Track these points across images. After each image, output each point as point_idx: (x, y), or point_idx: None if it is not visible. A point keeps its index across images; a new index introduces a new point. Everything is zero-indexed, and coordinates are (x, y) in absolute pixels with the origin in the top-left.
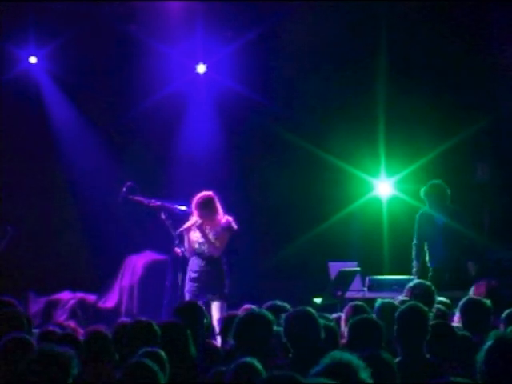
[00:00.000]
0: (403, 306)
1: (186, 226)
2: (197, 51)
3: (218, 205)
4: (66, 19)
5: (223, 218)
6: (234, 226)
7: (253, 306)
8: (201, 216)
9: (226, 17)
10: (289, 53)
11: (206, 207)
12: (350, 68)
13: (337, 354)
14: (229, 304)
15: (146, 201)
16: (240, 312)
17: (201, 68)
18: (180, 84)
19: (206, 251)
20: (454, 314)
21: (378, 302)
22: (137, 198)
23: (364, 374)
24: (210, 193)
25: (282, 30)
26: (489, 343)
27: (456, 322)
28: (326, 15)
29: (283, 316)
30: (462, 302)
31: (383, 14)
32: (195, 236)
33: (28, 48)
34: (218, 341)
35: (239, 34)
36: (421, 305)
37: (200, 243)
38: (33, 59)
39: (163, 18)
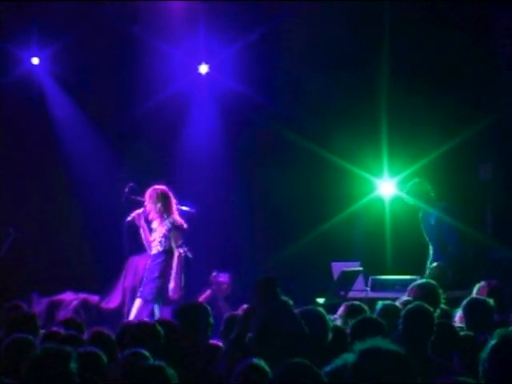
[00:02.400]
0: (409, 306)
1: (134, 214)
2: (199, 51)
3: (173, 201)
4: (68, 20)
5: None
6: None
7: None
8: (154, 207)
9: (228, 17)
10: (291, 53)
11: (163, 200)
12: (353, 68)
13: (350, 357)
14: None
15: None
16: (239, 312)
17: (203, 68)
18: (182, 84)
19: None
20: (455, 314)
21: (379, 304)
22: (139, 198)
23: None
24: (165, 187)
25: (285, 31)
26: (493, 342)
27: (458, 321)
28: (329, 15)
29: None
30: (465, 302)
31: (386, 15)
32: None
33: (30, 49)
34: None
35: (242, 35)
36: (426, 305)
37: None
38: (35, 60)
39: (166, 18)
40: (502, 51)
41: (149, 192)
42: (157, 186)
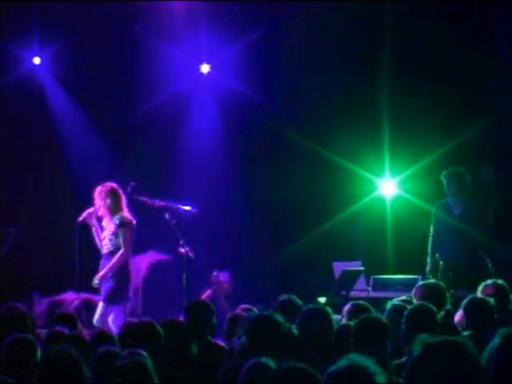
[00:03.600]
0: (412, 305)
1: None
2: (200, 51)
3: (123, 198)
4: (69, 19)
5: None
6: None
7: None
8: (103, 204)
9: (229, 17)
10: (292, 53)
11: (112, 196)
12: (354, 68)
13: (355, 358)
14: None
15: (150, 201)
16: (238, 311)
17: (204, 68)
18: (184, 84)
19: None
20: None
21: (389, 303)
22: (141, 198)
23: (381, 379)
24: (114, 184)
25: (286, 30)
26: (495, 341)
27: (457, 320)
28: (329, 15)
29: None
30: (465, 301)
31: (386, 15)
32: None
33: (32, 49)
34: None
35: (242, 35)
36: (429, 304)
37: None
38: (36, 60)
39: (167, 18)
40: (502, 51)
41: (98, 189)
42: (106, 183)
